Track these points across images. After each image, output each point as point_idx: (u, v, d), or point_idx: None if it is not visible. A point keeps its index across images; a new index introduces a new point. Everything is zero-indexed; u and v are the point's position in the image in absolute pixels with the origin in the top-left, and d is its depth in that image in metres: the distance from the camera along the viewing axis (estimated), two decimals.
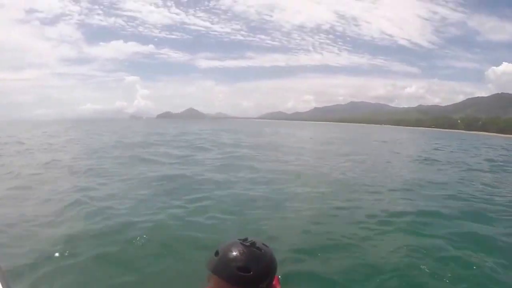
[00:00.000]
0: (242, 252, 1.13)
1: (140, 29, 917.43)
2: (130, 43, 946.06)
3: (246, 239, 1.17)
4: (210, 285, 1.15)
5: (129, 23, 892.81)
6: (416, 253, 5.81)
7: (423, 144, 43.44)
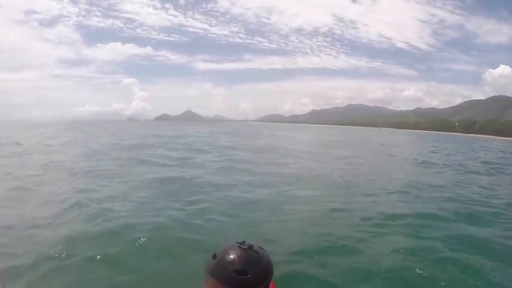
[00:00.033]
0: (240, 255, 1.13)
1: (138, 31, 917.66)
2: (128, 45, 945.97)
3: (243, 242, 1.18)
4: (207, 287, 1.16)
5: (127, 25, 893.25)
6: (413, 256, 5.84)
7: (421, 147, 43.55)
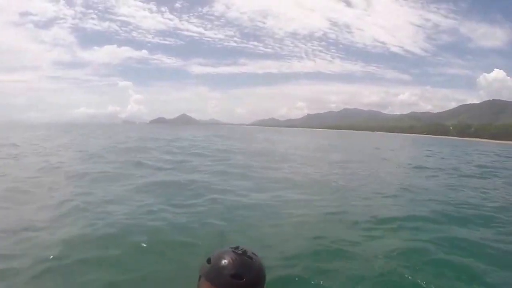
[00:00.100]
0: (234, 260, 1.15)
1: (134, 34, 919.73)
2: (123, 48, 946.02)
3: (237, 247, 1.20)
4: None
5: (122, 28, 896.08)
6: (406, 259, 5.90)
7: (416, 150, 43.84)
